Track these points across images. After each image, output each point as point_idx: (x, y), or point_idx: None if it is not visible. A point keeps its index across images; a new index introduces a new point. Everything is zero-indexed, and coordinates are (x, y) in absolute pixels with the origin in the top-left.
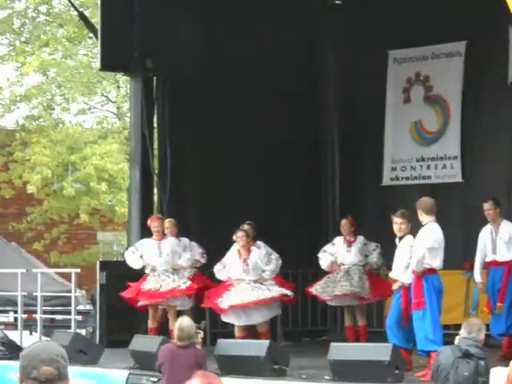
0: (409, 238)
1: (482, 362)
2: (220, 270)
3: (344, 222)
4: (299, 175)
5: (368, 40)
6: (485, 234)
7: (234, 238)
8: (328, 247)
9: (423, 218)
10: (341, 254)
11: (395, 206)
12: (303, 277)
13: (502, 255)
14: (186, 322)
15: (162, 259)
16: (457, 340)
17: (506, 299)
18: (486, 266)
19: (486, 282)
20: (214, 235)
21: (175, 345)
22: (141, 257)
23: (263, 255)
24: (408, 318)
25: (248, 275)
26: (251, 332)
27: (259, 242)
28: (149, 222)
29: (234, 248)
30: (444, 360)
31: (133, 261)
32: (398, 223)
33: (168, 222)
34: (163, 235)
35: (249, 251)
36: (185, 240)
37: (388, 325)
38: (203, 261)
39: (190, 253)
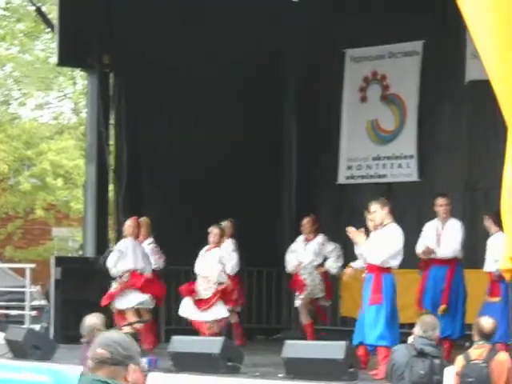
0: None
1: (437, 361)
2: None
3: (305, 221)
4: (258, 173)
5: (326, 39)
6: (429, 229)
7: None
8: (293, 246)
9: (384, 217)
10: (300, 252)
11: (350, 204)
12: (258, 274)
13: (446, 253)
14: (89, 318)
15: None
16: (411, 339)
17: (449, 300)
18: (428, 263)
19: (427, 281)
20: (169, 232)
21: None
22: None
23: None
24: None
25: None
26: None
27: (230, 240)
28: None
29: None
30: (399, 358)
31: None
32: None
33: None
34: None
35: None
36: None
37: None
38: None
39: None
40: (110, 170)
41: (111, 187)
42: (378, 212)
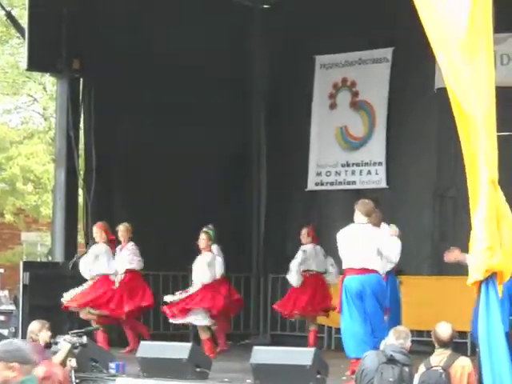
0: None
1: (407, 369)
2: None
3: (304, 231)
4: (225, 179)
5: (295, 45)
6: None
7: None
8: (300, 259)
9: (361, 219)
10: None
11: (319, 211)
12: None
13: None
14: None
15: None
16: (382, 346)
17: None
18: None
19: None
20: (138, 237)
21: None
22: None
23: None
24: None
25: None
26: None
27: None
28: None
29: None
30: (369, 364)
31: None
32: None
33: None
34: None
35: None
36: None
37: None
38: None
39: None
40: (79, 175)
41: (80, 192)
42: None
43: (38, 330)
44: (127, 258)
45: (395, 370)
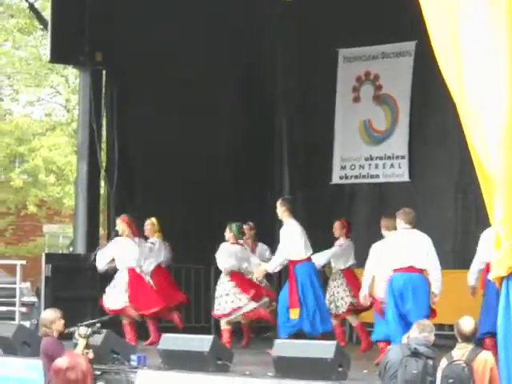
0: None
1: (431, 362)
2: None
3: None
4: (249, 174)
5: (318, 38)
6: None
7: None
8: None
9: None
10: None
11: (345, 204)
12: None
13: None
14: (44, 312)
15: None
16: (405, 339)
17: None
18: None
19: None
20: (160, 229)
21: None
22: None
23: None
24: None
25: None
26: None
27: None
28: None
29: None
30: (393, 357)
31: None
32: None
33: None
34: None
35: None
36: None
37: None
38: None
39: None
40: (101, 167)
41: (102, 184)
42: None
43: (51, 322)
44: (156, 253)
45: (419, 362)
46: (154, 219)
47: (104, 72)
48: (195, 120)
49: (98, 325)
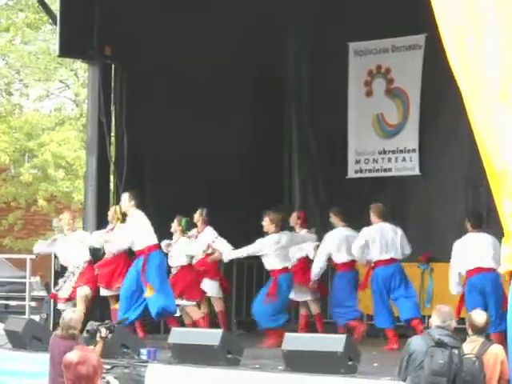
0: None
1: (456, 351)
2: None
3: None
4: (261, 170)
5: (328, 32)
6: None
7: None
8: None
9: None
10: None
11: (360, 198)
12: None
13: None
14: (68, 313)
15: None
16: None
17: None
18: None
19: None
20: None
21: (56, 333)
22: None
23: None
24: None
25: None
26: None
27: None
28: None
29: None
30: (417, 348)
31: None
32: None
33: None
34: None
35: None
36: None
37: None
38: None
39: None
40: (110, 161)
41: (112, 178)
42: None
43: (77, 322)
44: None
45: (445, 352)
46: (117, 207)
47: (113, 66)
48: (205, 114)
49: (115, 325)
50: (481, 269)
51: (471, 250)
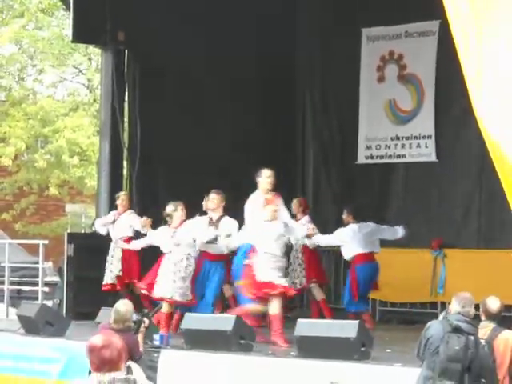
0: None
1: (472, 337)
2: None
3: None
4: (273, 155)
5: (342, 18)
6: None
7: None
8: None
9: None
10: None
11: (371, 184)
12: None
13: None
14: (122, 305)
15: None
16: (442, 315)
17: None
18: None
19: None
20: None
21: (111, 327)
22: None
23: None
24: None
25: None
26: None
27: None
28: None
29: None
30: (434, 333)
31: None
32: None
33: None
34: None
35: None
36: None
37: None
38: None
39: None
40: (123, 146)
41: (125, 163)
42: None
43: (130, 315)
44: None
45: (461, 338)
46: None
47: (126, 52)
48: (219, 100)
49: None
50: None
51: None
